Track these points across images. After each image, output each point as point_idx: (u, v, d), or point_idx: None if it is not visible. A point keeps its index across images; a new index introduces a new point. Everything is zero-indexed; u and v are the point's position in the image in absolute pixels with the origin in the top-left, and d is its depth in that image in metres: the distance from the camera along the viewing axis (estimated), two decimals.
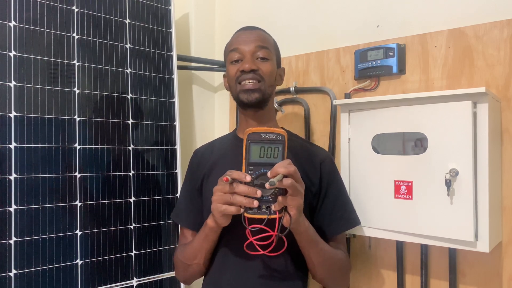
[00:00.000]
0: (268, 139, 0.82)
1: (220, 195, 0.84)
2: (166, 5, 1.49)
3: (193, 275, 1.05)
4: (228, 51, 1.07)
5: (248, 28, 1.09)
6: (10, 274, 1.09)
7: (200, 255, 0.99)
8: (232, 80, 1.04)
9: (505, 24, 1.09)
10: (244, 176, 0.81)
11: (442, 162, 1.01)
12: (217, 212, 0.85)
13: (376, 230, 1.13)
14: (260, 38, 1.05)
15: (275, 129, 0.82)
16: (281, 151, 0.82)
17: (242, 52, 1.03)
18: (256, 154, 0.82)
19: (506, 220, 1.08)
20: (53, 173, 1.18)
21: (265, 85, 1.02)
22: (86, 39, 1.28)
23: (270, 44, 1.08)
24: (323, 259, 0.97)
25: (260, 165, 0.82)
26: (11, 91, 1.13)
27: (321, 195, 1.04)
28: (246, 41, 1.03)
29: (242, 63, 1.02)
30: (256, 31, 1.07)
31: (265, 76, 1.02)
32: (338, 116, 1.36)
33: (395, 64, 1.24)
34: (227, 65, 1.07)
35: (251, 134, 0.82)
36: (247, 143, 0.82)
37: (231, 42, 1.08)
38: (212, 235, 0.95)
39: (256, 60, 1.02)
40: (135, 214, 1.34)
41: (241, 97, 1.02)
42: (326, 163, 1.07)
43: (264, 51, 1.03)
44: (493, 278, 1.10)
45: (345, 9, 1.42)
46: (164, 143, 1.44)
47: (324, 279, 1.02)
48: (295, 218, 0.83)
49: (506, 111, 1.09)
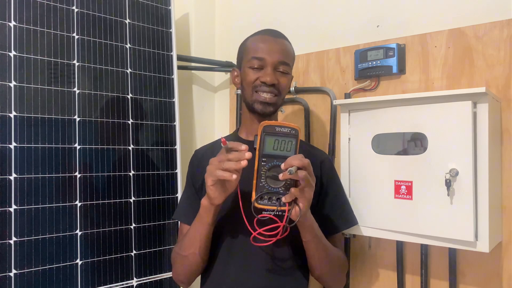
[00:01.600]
0: (283, 132, 0.84)
1: (214, 164, 0.86)
2: (166, 5, 1.49)
3: (189, 268, 1.02)
4: (250, 56, 1.04)
5: (273, 34, 1.07)
6: (10, 274, 1.09)
7: (196, 243, 0.97)
8: (249, 85, 1.04)
9: (505, 24, 1.09)
10: (240, 145, 0.84)
11: (442, 162, 1.01)
12: (209, 179, 0.86)
13: (376, 230, 1.13)
14: (284, 51, 1.05)
15: (289, 123, 0.85)
16: (294, 145, 0.85)
17: (265, 62, 1.02)
18: (270, 146, 0.84)
19: (506, 220, 1.08)
20: (53, 173, 1.18)
21: (279, 98, 1.05)
22: (86, 39, 1.28)
23: (292, 58, 1.09)
24: (325, 255, 0.98)
25: (273, 157, 0.84)
26: (11, 91, 1.13)
27: (321, 194, 1.06)
28: (271, 51, 1.02)
29: (263, 74, 1.02)
30: (281, 40, 1.06)
31: (283, 90, 1.05)
32: (338, 116, 1.36)
33: (395, 64, 1.24)
34: (245, 67, 1.05)
35: (266, 126, 0.84)
36: (262, 135, 0.84)
37: (255, 47, 1.05)
38: (206, 216, 0.93)
39: (277, 73, 1.03)
40: (135, 214, 1.34)
41: (255, 107, 1.04)
42: (325, 163, 1.09)
43: (285, 67, 1.04)
44: (493, 278, 1.10)
45: (345, 9, 1.42)
46: (164, 143, 1.44)
47: (323, 276, 1.02)
48: (304, 210, 0.84)
49: (506, 111, 1.09)
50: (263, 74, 1.02)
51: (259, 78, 1.02)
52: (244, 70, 1.06)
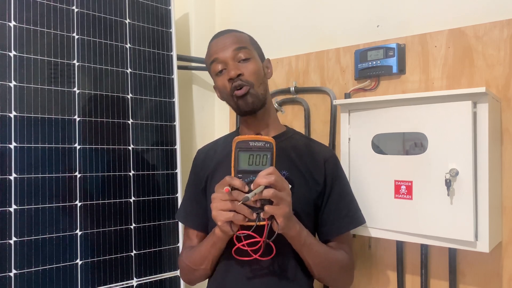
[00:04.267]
0: (257, 147, 0.83)
1: (221, 203, 0.83)
2: (166, 5, 1.49)
3: (198, 278, 1.06)
4: (209, 64, 1.03)
5: (220, 33, 1.06)
6: (10, 274, 1.09)
7: (207, 261, 0.99)
8: (226, 93, 1.02)
9: (505, 24, 1.09)
10: (243, 186, 0.82)
11: (442, 162, 1.01)
12: (221, 220, 0.84)
13: (376, 230, 1.13)
14: (235, 40, 1.02)
15: (263, 137, 0.84)
16: (270, 158, 0.84)
17: (223, 61, 1.00)
18: (245, 162, 0.84)
19: (506, 220, 1.08)
20: (53, 173, 1.18)
21: (254, 88, 1.00)
22: (86, 39, 1.28)
23: (247, 42, 1.04)
24: (319, 261, 0.97)
25: (249, 173, 0.83)
26: (11, 91, 1.13)
27: (326, 194, 1.04)
28: (223, 47, 1.00)
29: (227, 72, 1.00)
30: (229, 34, 1.04)
31: (252, 77, 1.00)
32: (338, 116, 1.36)
33: (395, 64, 1.24)
34: (213, 78, 1.05)
35: (239, 142, 0.84)
36: (236, 151, 0.84)
37: (209, 53, 1.04)
38: (220, 244, 0.95)
39: (239, 64, 1.00)
40: (135, 214, 1.34)
41: (240, 106, 1.01)
42: (330, 161, 1.07)
43: (243, 51, 1.00)
44: (493, 278, 1.10)
45: (345, 9, 1.42)
46: (164, 143, 1.44)
47: (323, 279, 1.02)
48: (283, 225, 0.84)
49: (506, 111, 1.09)
50: (227, 72, 0.99)
51: (226, 79, 1.00)
52: (214, 81, 1.05)
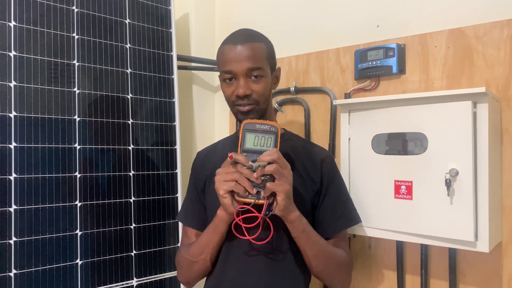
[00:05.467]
0: (262, 129, 0.90)
1: (224, 175, 0.88)
2: (166, 5, 1.49)
3: (197, 273, 1.04)
4: (221, 70, 1.03)
5: (238, 40, 1.01)
6: (10, 274, 1.09)
7: (207, 250, 0.99)
8: (227, 100, 1.05)
9: (505, 24, 1.09)
10: (246, 161, 0.87)
11: (442, 162, 1.01)
12: (222, 189, 0.87)
13: (376, 230, 1.13)
14: (252, 56, 0.99)
15: (269, 121, 0.91)
16: (274, 141, 0.90)
17: (235, 75, 1.00)
18: (251, 142, 0.90)
19: (506, 220, 1.08)
20: (53, 173, 1.18)
21: (260, 105, 1.02)
22: (86, 39, 1.28)
23: (262, 58, 1.02)
24: (317, 252, 0.97)
25: (254, 152, 0.89)
26: (11, 91, 1.13)
27: (322, 193, 1.05)
28: (238, 60, 0.99)
29: (236, 87, 0.99)
30: (247, 45, 1.00)
31: (260, 97, 1.01)
32: (338, 116, 1.36)
33: (395, 64, 1.24)
34: (221, 81, 1.05)
35: (247, 124, 0.91)
36: (243, 132, 0.91)
37: (222, 59, 1.02)
38: (222, 226, 0.95)
39: (249, 80, 1.00)
40: (135, 214, 1.34)
41: (239, 118, 1.04)
42: (326, 162, 1.08)
43: (258, 71, 1.00)
44: (493, 278, 1.10)
45: (345, 9, 1.42)
46: (164, 143, 1.44)
47: (320, 274, 1.02)
48: (283, 203, 0.86)
49: (506, 111, 1.09)
50: (236, 86, 1.00)
51: (233, 92, 1.01)
52: (221, 82, 1.06)
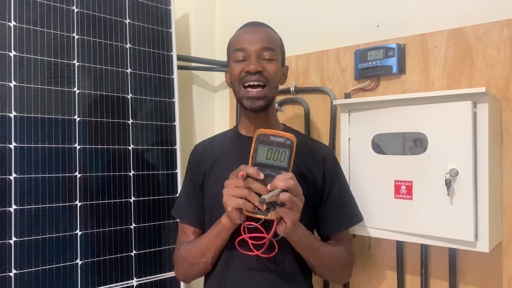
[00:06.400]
0: (277, 142, 0.82)
1: (234, 189, 0.83)
2: (166, 5, 1.49)
3: (197, 273, 1.03)
4: (233, 50, 1.02)
5: (253, 24, 1.05)
6: (10, 274, 1.09)
7: (209, 254, 0.98)
8: (235, 80, 1.01)
9: (505, 24, 1.09)
10: (258, 174, 0.81)
11: (442, 162, 1.01)
12: (230, 206, 0.83)
13: (376, 230, 1.13)
14: (266, 37, 1.00)
15: (285, 133, 0.82)
16: (288, 155, 0.82)
17: (247, 52, 0.99)
18: (263, 155, 0.83)
19: (506, 220, 1.08)
20: (53, 173, 1.18)
21: (270, 89, 0.99)
22: (86, 39, 1.28)
23: (277, 43, 1.04)
24: (321, 261, 0.98)
25: (266, 167, 0.83)
26: (11, 91, 1.13)
27: (325, 192, 1.04)
28: (252, 40, 0.99)
29: (247, 64, 0.98)
30: (262, 29, 1.02)
31: (271, 78, 0.99)
32: (338, 116, 1.36)
33: (395, 64, 1.24)
34: (231, 62, 1.03)
35: (260, 135, 0.83)
36: (256, 143, 0.83)
37: (236, 40, 1.03)
38: (225, 233, 0.94)
39: (262, 61, 0.99)
40: (135, 214, 1.34)
41: (244, 103, 1.00)
42: (328, 159, 1.07)
43: (270, 52, 0.99)
44: (493, 278, 1.10)
45: (345, 9, 1.42)
46: (164, 143, 1.44)
47: (324, 275, 1.03)
48: (289, 230, 0.84)
49: (506, 111, 1.09)
50: (247, 64, 0.98)
51: (244, 69, 0.98)
52: (230, 66, 1.03)
